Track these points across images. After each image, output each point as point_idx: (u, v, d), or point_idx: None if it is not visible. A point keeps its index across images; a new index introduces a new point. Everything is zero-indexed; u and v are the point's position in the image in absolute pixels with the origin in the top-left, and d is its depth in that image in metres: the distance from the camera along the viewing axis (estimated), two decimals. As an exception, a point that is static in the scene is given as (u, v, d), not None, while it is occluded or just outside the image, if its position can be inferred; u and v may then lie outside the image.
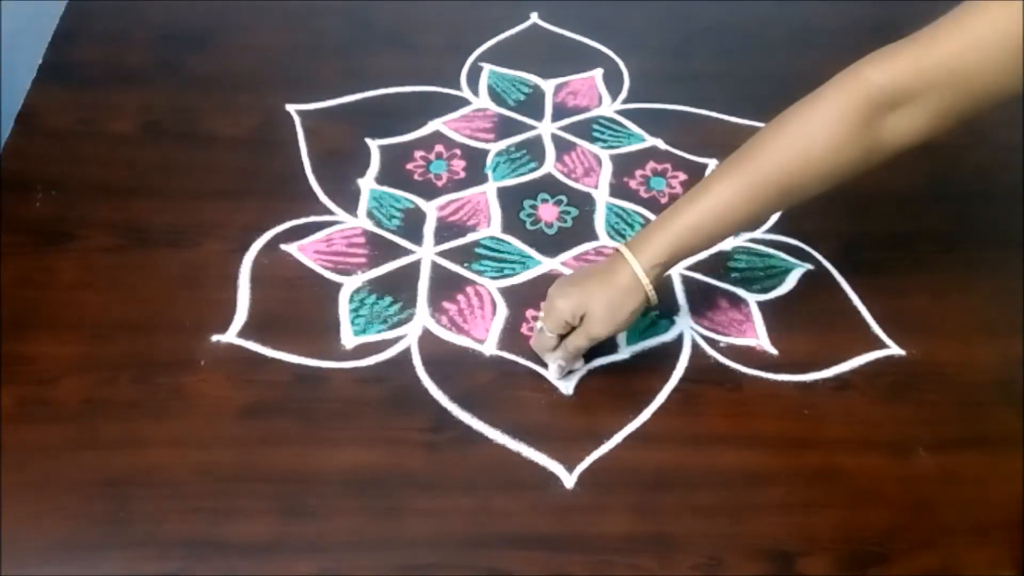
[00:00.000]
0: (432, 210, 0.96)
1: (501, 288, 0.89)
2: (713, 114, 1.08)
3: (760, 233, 0.96)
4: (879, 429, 0.82)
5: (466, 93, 1.09)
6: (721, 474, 0.78)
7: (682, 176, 1.01)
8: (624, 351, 0.85)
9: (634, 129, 1.07)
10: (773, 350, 0.86)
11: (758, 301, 0.90)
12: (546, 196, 0.99)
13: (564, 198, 0.98)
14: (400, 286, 0.89)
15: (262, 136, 1.01)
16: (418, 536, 0.73)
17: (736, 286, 0.91)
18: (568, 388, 0.82)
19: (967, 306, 0.91)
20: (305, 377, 0.81)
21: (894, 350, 0.87)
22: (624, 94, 1.10)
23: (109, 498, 0.73)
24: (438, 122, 1.05)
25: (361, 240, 0.92)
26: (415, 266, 0.91)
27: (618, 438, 0.79)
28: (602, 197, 0.99)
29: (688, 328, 0.87)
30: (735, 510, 0.76)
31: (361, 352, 0.83)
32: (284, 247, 0.91)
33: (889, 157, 0.74)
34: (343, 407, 0.80)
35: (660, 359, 0.85)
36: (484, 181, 0.99)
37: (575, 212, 0.97)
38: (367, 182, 0.98)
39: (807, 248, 0.95)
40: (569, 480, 0.76)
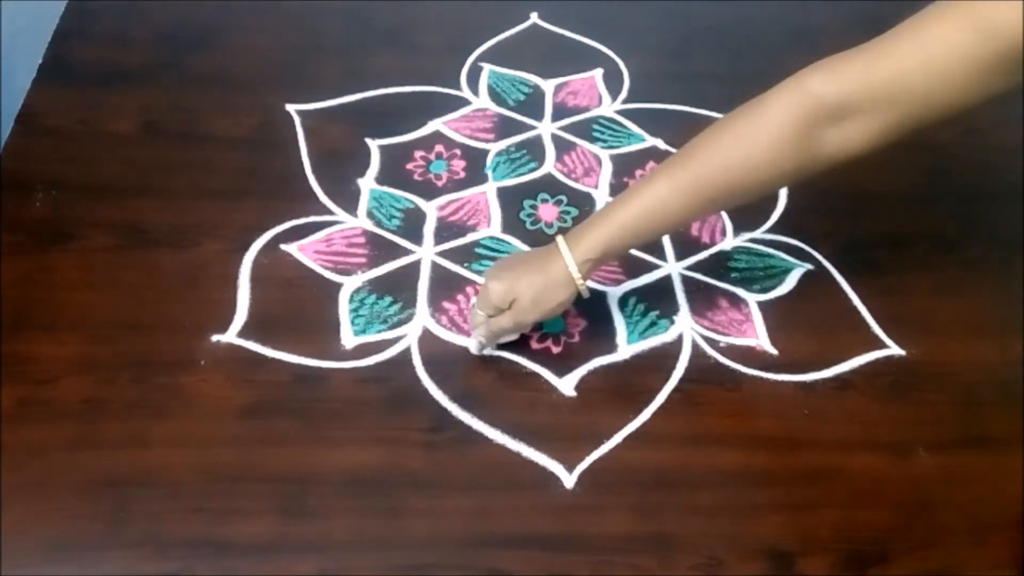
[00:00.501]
0: (432, 210, 0.96)
1: (501, 288, 0.89)
2: (713, 114, 1.08)
3: (760, 233, 0.96)
4: (879, 429, 0.82)
5: (466, 93, 1.09)
6: (721, 474, 0.78)
7: (682, 176, 1.01)
8: (624, 351, 0.85)
9: (634, 129, 1.07)
10: (773, 350, 0.86)
11: (758, 301, 0.90)
12: (546, 196, 0.99)
13: (564, 198, 0.98)
14: (400, 286, 0.89)
15: (262, 136, 1.01)
16: (418, 536, 0.73)
17: (736, 286, 0.91)
18: (568, 388, 0.82)
19: (967, 306, 0.91)
20: (305, 377, 0.81)
21: (894, 350, 0.87)
22: (624, 94, 1.10)
23: (109, 498, 0.73)
24: (438, 122, 1.05)
25: (361, 240, 0.92)
26: (415, 266, 0.91)
27: (618, 438, 0.79)
28: (602, 197, 0.99)
29: (688, 328, 0.87)
30: (735, 510, 0.76)
31: (361, 352, 0.83)
32: (284, 247, 0.91)
33: (830, 168, 0.73)
34: (343, 407, 0.80)
35: (660, 359, 0.85)
36: (484, 181, 0.99)
37: (575, 212, 0.97)
38: (367, 182, 0.98)
39: (807, 248, 0.95)
40: (569, 480, 0.76)
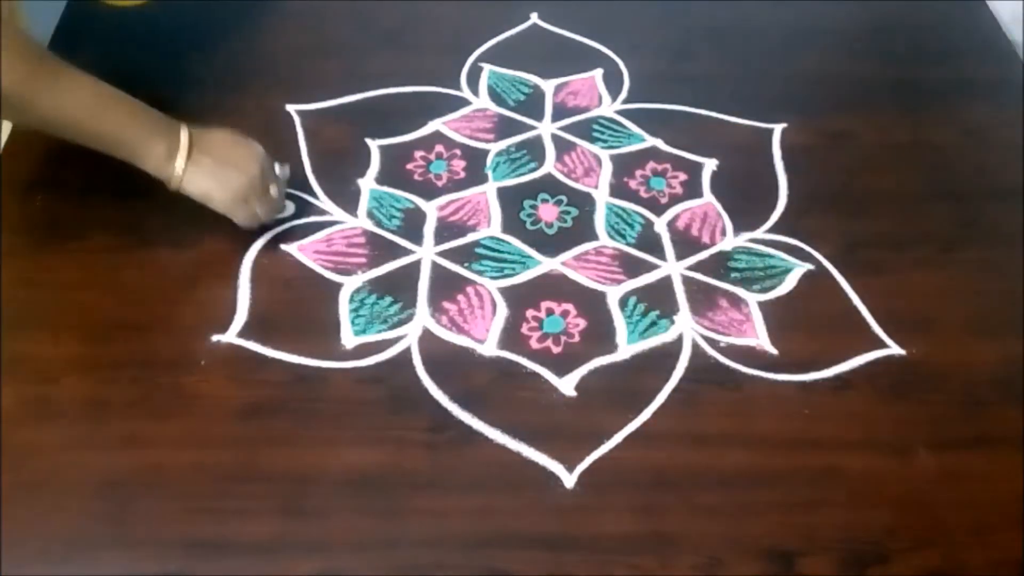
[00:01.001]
0: (432, 210, 0.96)
1: (501, 288, 0.89)
2: (713, 114, 1.08)
3: (760, 233, 0.96)
4: (879, 429, 0.81)
5: (466, 93, 1.09)
6: (721, 474, 0.78)
7: (682, 176, 1.01)
8: (624, 351, 0.85)
9: (634, 129, 1.07)
10: (773, 350, 0.86)
11: (758, 301, 0.90)
12: (546, 196, 0.98)
13: (564, 198, 0.98)
14: (400, 286, 0.89)
15: (262, 136, 1.01)
16: (418, 536, 0.73)
17: (736, 286, 0.91)
18: (568, 388, 0.82)
19: (967, 306, 0.91)
20: (305, 377, 0.81)
21: (894, 350, 0.87)
22: (624, 94, 1.10)
23: (109, 498, 0.73)
24: (438, 122, 1.05)
25: (361, 240, 0.92)
26: (415, 266, 0.91)
27: (618, 438, 0.79)
28: (602, 197, 0.99)
29: (688, 328, 0.87)
30: (735, 510, 0.76)
31: (361, 352, 0.83)
32: (284, 247, 0.91)
33: None
34: (343, 407, 0.80)
35: (660, 359, 0.85)
36: (484, 181, 0.99)
37: (575, 212, 0.97)
38: (367, 182, 0.98)
39: (807, 248, 0.95)
40: (569, 480, 0.76)
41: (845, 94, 1.12)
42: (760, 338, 0.87)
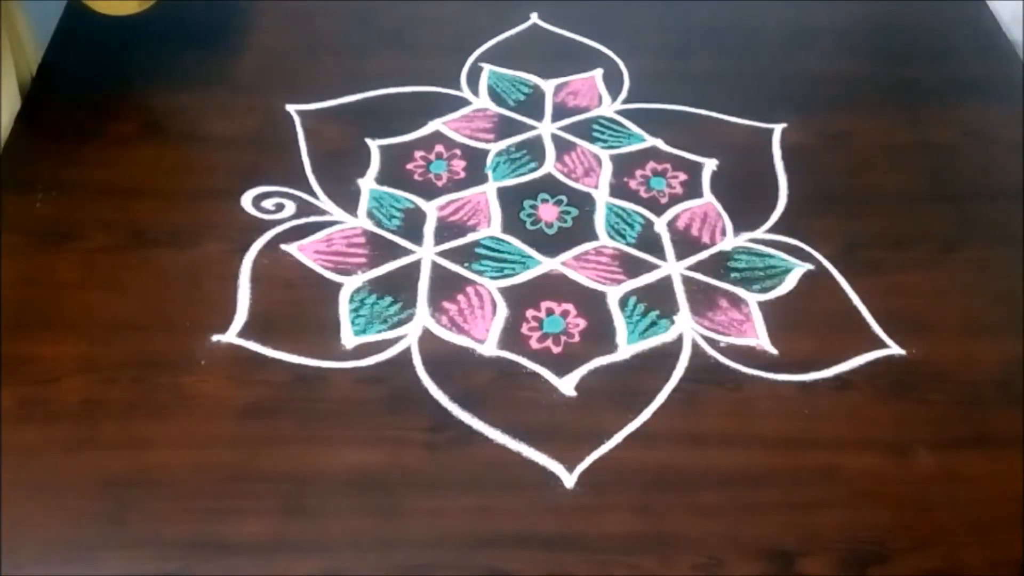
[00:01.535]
0: (432, 210, 0.96)
1: (501, 288, 0.89)
2: (713, 114, 1.08)
3: (760, 233, 0.96)
4: (879, 429, 0.81)
5: (466, 93, 1.09)
6: (721, 474, 0.78)
7: (682, 176, 1.01)
8: (624, 351, 0.85)
9: (634, 129, 1.07)
10: (773, 350, 0.86)
11: (758, 301, 0.90)
12: (546, 196, 0.99)
13: (564, 198, 0.98)
14: (400, 286, 0.89)
15: (262, 136, 1.01)
16: (418, 536, 0.73)
17: (736, 286, 0.91)
18: (568, 388, 0.82)
19: (967, 306, 0.91)
20: (305, 377, 0.81)
21: (894, 350, 0.87)
22: (624, 94, 1.10)
23: (109, 498, 0.73)
24: (438, 122, 1.05)
25: (361, 240, 0.92)
26: (415, 266, 0.91)
27: (618, 438, 0.79)
28: (602, 197, 0.99)
29: (688, 328, 0.87)
30: (735, 510, 0.76)
31: (361, 352, 0.83)
32: (284, 247, 0.91)
33: None
34: (343, 407, 0.80)
35: (660, 359, 0.85)
36: (484, 181, 1.00)
37: (575, 212, 0.97)
38: (367, 182, 0.98)
39: (807, 248, 0.95)
40: (569, 480, 0.76)
41: (845, 94, 1.12)
42: (760, 338, 0.87)
